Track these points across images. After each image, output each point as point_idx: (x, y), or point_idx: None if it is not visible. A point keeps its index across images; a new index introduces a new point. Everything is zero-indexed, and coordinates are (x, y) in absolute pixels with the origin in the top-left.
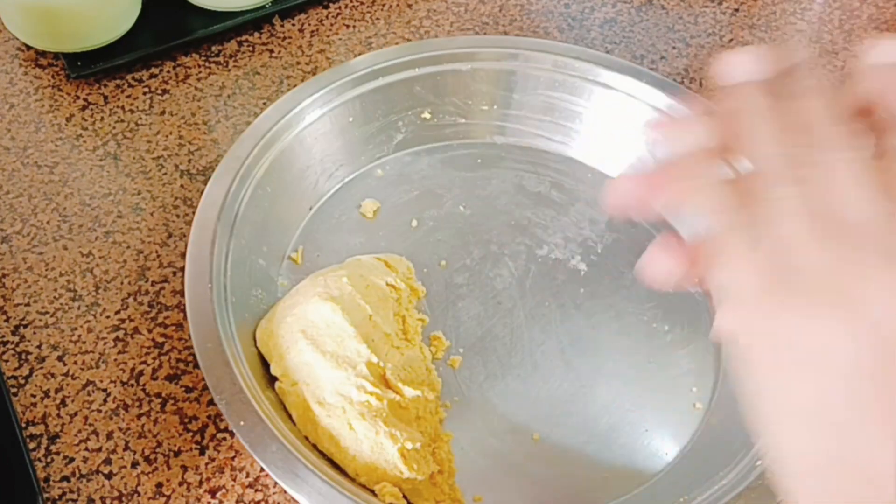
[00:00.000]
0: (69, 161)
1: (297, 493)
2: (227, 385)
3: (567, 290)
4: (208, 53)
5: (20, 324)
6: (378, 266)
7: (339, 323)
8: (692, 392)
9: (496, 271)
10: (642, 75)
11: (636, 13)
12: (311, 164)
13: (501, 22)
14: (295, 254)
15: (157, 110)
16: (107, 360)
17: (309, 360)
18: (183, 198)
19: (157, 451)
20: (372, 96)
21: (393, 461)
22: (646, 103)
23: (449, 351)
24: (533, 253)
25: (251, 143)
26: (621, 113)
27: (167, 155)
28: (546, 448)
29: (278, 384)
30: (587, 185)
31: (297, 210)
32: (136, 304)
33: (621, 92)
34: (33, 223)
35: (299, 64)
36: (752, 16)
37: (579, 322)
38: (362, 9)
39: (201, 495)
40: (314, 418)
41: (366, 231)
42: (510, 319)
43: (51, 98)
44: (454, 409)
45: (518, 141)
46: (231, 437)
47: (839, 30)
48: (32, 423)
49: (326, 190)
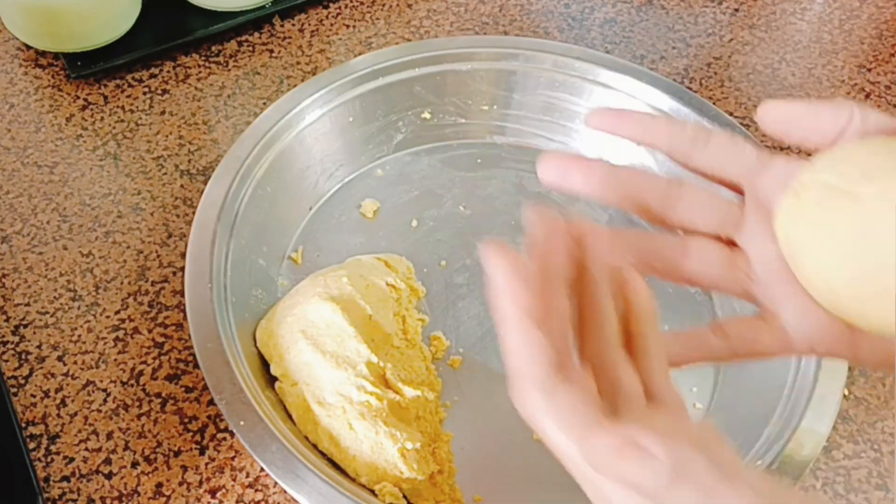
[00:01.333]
0: (69, 161)
1: (297, 493)
2: (227, 385)
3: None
4: (208, 53)
5: (20, 324)
6: (378, 266)
7: (339, 323)
8: (692, 392)
9: None
10: (642, 75)
11: (636, 13)
12: (311, 164)
13: (501, 22)
14: (295, 254)
15: (157, 110)
16: (107, 360)
17: (309, 360)
18: (183, 198)
19: (157, 451)
20: (372, 96)
21: (393, 461)
22: (645, 103)
23: (449, 351)
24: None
25: (251, 143)
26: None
27: (167, 155)
28: (546, 448)
29: (278, 384)
30: None
31: (297, 210)
32: (136, 304)
33: (621, 92)
34: (33, 223)
35: (299, 64)
36: (752, 16)
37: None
38: (362, 9)
39: (201, 495)
40: (314, 418)
41: (366, 231)
42: None
43: (51, 98)
44: (454, 409)
45: (518, 141)
46: (231, 437)
47: (839, 30)
48: (32, 423)
49: (326, 190)
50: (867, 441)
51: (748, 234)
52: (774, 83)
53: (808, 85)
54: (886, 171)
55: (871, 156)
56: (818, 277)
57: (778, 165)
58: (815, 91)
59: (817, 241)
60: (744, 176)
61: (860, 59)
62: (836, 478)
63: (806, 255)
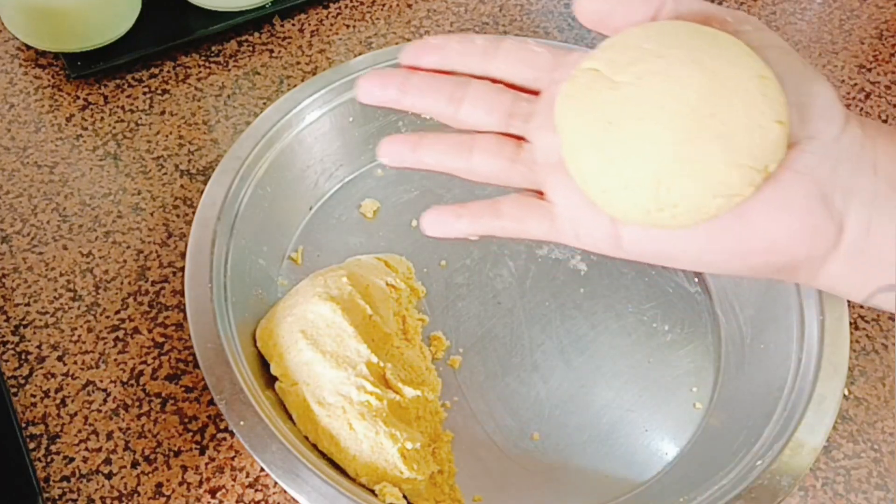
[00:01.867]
0: (69, 161)
1: (298, 494)
2: (227, 385)
3: (567, 290)
4: (208, 53)
5: (20, 324)
6: (378, 266)
7: (339, 323)
8: (692, 392)
9: (496, 271)
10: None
11: None
12: (311, 163)
13: (501, 22)
14: (295, 254)
15: (157, 110)
16: (107, 360)
17: (309, 359)
18: (183, 198)
19: (157, 451)
20: None
21: (393, 461)
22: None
23: (449, 351)
24: (533, 253)
25: (251, 143)
26: None
27: (167, 155)
28: (546, 448)
29: (278, 384)
30: None
31: (297, 210)
32: (136, 304)
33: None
34: (33, 223)
35: (299, 64)
36: (752, 15)
37: (579, 322)
38: (362, 9)
39: (201, 495)
40: (314, 418)
41: (366, 231)
42: (510, 319)
43: (51, 98)
44: (454, 409)
45: None
46: (231, 437)
47: (839, 30)
48: (32, 423)
49: (326, 190)
50: (867, 441)
51: (534, 126)
52: None
53: None
54: (648, 58)
55: (641, 41)
56: (574, 164)
57: (571, 59)
58: None
59: (576, 128)
60: (539, 77)
61: (860, 59)
62: (837, 478)
63: (569, 142)
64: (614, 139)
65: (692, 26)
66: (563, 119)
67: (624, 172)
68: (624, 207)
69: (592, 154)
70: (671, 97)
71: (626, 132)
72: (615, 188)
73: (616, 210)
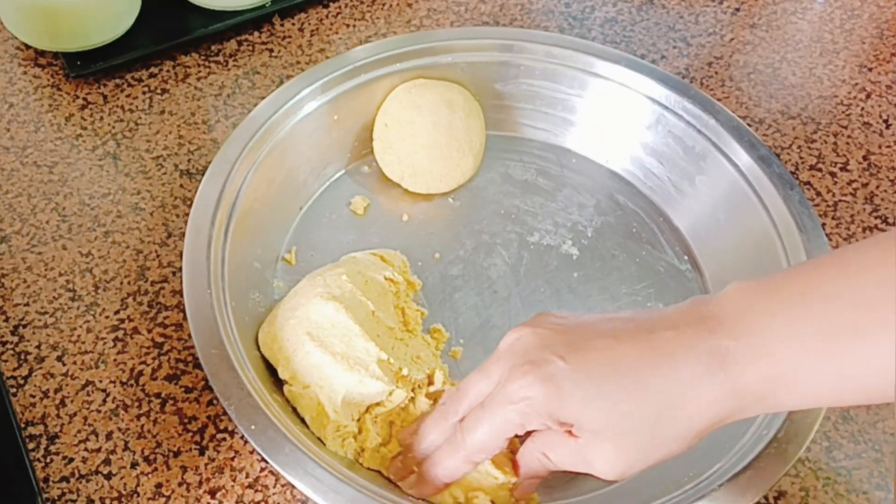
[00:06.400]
0: (68, 161)
1: (314, 494)
2: (235, 390)
3: (560, 275)
4: (208, 53)
5: (19, 324)
6: (374, 261)
7: (344, 322)
8: None
9: (490, 261)
10: (619, 59)
11: (637, 12)
12: (299, 163)
13: (502, 21)
14: (288, 255)
15: (156, 110)
16: (106, 361)
17: (318, 362)
18: (182, 197)
19: (156, 452)
20: (355, 93)
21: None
22: (631, 89)
23: (449, 342)
24: (524, 240)
25: (238, 146)
26: (605, 99)
27: (167, 154)
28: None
29: (287, 387)
30: (572, 170)
31: (287, 211)
32: (135, 304)
33: (605, 79)
34: (33, 223)
35: (299, 63)
36: (753, 15)
37: (575, 306)
38: (362, 8)
39: (201, 495)
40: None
41: (358, 228)
42: (507, 307)
43: (50, 98)
44: None
45: (501, 131)
46: (231, 438)
47: (840, 29)
48: (32, 423)
49: (316, 189)
50: (867, 441)
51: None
52: (775, 83)
53: (808, 84)
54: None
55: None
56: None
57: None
58: (816, 90)
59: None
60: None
61: (861, 58)
62: (837, 478)
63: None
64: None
65: None
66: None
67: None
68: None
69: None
70: None
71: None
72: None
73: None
